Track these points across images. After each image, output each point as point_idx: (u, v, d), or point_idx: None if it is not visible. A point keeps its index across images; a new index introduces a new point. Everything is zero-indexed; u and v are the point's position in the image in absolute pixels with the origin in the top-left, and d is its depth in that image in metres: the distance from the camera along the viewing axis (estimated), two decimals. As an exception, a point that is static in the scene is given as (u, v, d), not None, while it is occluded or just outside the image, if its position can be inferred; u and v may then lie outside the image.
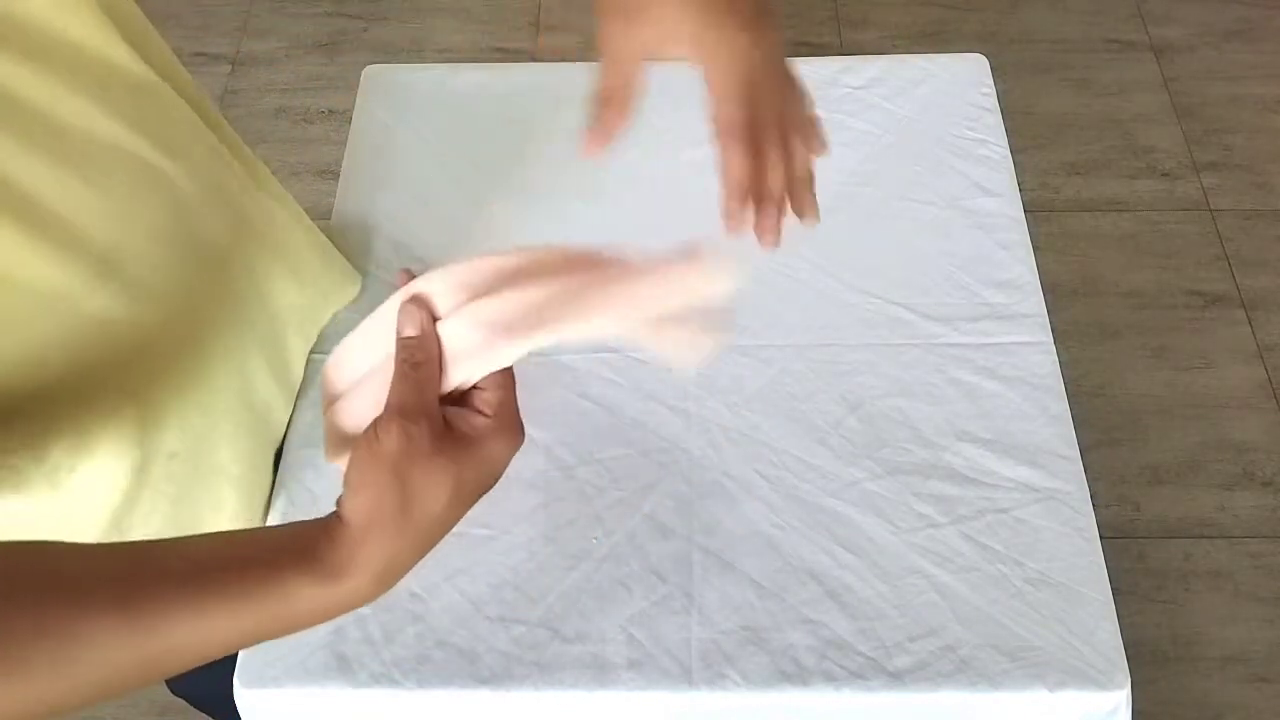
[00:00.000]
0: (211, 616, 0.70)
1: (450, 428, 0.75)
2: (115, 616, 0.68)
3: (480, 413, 0.76)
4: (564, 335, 0.78)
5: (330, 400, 0.83)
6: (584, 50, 2.81)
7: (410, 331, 0.75)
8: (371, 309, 0.89)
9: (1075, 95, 2.82)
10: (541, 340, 0.77)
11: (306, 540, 0.73)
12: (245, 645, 0.73)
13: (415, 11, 3.02)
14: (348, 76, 2.86)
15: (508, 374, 0.78)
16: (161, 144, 0.92)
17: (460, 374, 0.77)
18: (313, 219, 1.20)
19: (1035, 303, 1.26)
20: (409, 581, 1.10)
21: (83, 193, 0.83)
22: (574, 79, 1.50)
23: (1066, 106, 2.80)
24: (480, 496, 0.77)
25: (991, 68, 1.49)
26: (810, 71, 1.48)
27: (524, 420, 1.20)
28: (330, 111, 2.85)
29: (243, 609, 0.71)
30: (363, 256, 1.31)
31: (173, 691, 1.34)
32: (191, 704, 1.37)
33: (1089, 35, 2.94)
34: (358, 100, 1.49)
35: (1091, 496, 1.15)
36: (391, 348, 0.77)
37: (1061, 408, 1.20)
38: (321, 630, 1.08)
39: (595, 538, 1.13)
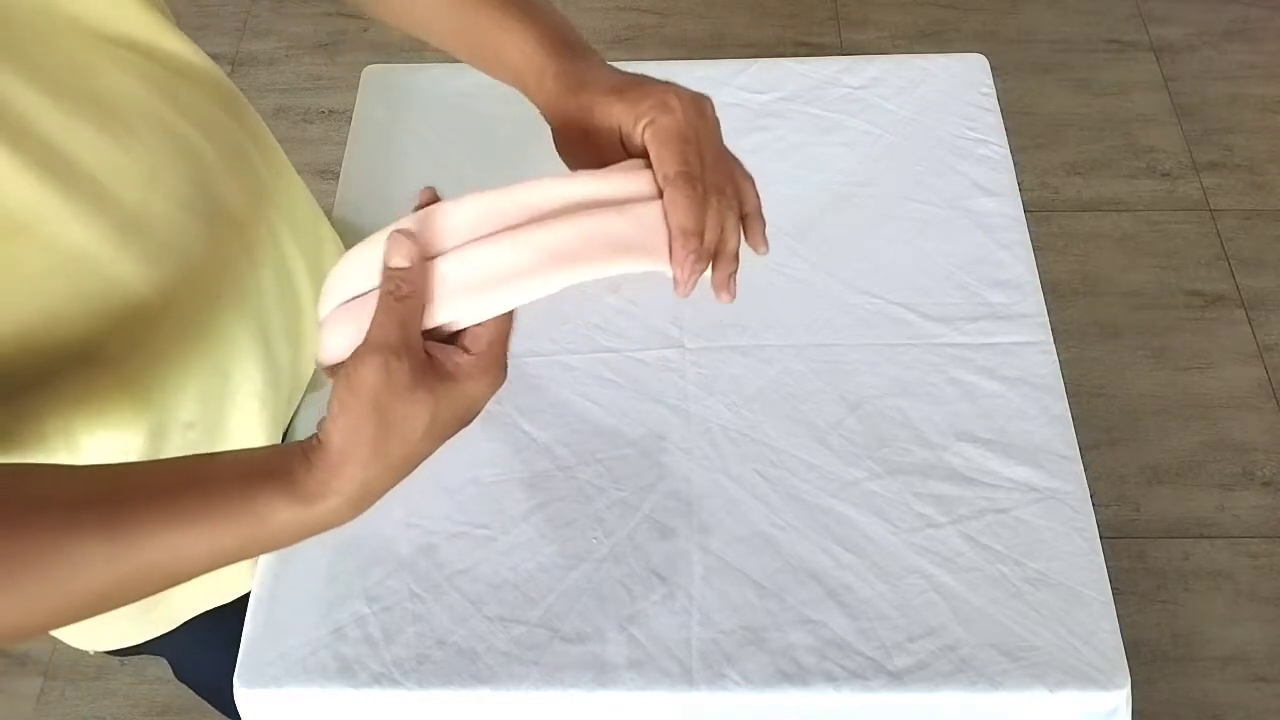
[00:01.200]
0: (190, 534, 0.72)
1: (431, 362, 0.75)
2: (98, 535, 0.70)
3: (465, 349, 0.76)
4: (563, 283, 0.77)
5: (325, 312, 0.82)
6: (598, 44, 2.81)
7: (398, 262, 0.74)
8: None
9: (1075, 95, 2.82)
10: (537, 291, 0.76)
11: (284, 462, 0.75)
12: (226, 563, 0.74)
13: (415, 11, 3.02)
14: (348, 76, 2.86)
15: (505, 315, 0.78)
16: (190, 115, 0.95)
17: (448, 313, 0.76)
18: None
19: (1035, 303, 1.27)
20: (409, 581, 1.11)
21: (114, 153, 0.86)
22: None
23: (1066, 106, 2.80)
24: (457, 431, 0.78)
25: (991, 68, 1.49)
26: (810, 71, 1.49)
27: (523, 419, 1.20)
28: (330, 111, 2.86)
29: (221, 527, 0.72)
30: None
31: (178, 678, 1.34)
32: (197, 691, 1.38)
33: (1089, 35, 2.94)
34: (358, 100, 1.49)
35: (1091, 496, 1.15)
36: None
37: (1061, 408, 1.20)
38: (322, 630, 1.09)
39: (595, 538, 1.13)
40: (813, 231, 1.33)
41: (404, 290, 0.74)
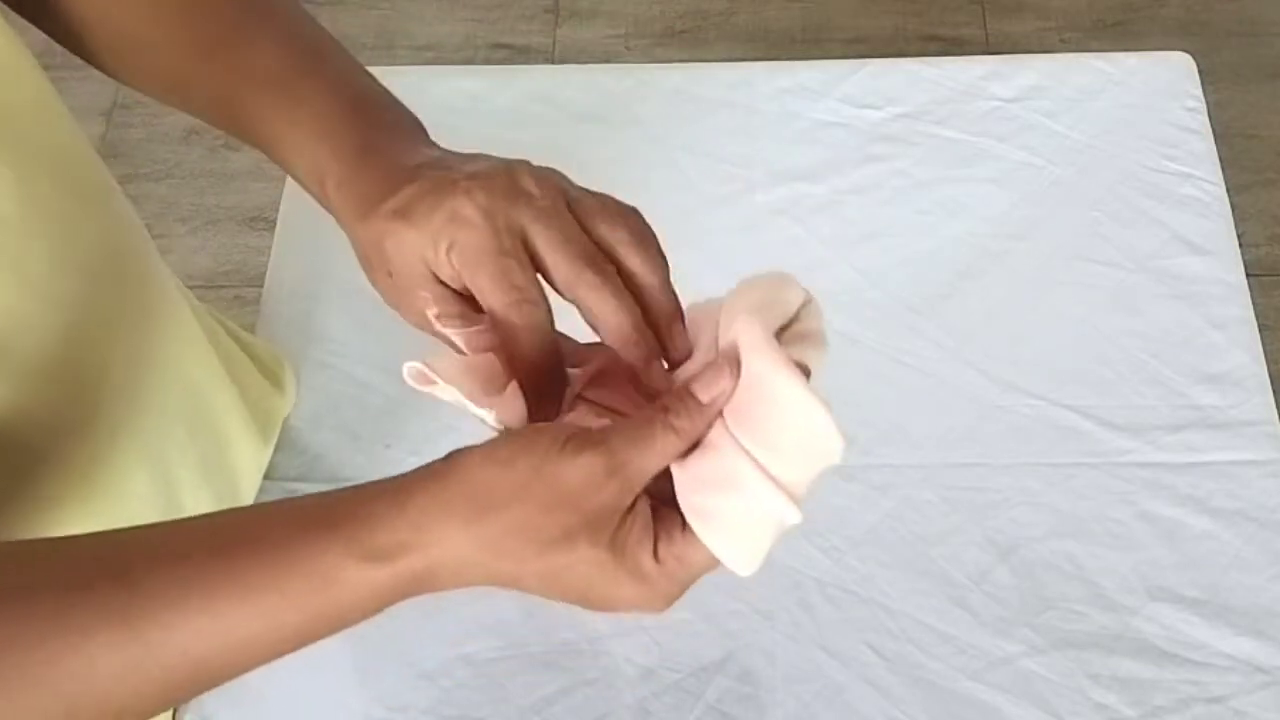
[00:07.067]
0: (236, 609, 0.71)
1: (635, 528, 0.76)
2: (112, 623, 0.70)
3: (656, 554, 0.76)
4: None
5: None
6: (623, 47, 2.83)
7: (711, 395, 0.75)
8: (324, 410, 0.88)
9: (1321, 112, 2.84)
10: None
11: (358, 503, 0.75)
12: (290, 645, 0.74)
13: (383, -8, 3.06)
14: (287, 85, 2.88)
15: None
16: (62, 179, 0.94)
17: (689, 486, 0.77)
18: (238, 282, 1.20)
19: (1262, 405, 1.27)
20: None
21: None
22: (606, 87, 1.52)
23: (1308, 128, 2.81)
24: (568, 601, 0.78)
25: (1200, 72, 1.50)
26: (943, 77, 1.50)
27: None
28: (261, 134, 2.87)
29: (278, 594, 0.72)
30: (301, 335, 1.34)
31: None
32: None
33: (1341, 26, 2.96)
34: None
35: (1346, 682, 1.15)
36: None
37: (1302, 555, 1.20)
38: None
39: (636, 739, 1.13)
40: (946, 304, 1.34)
41: (687, 427, 0.75)
